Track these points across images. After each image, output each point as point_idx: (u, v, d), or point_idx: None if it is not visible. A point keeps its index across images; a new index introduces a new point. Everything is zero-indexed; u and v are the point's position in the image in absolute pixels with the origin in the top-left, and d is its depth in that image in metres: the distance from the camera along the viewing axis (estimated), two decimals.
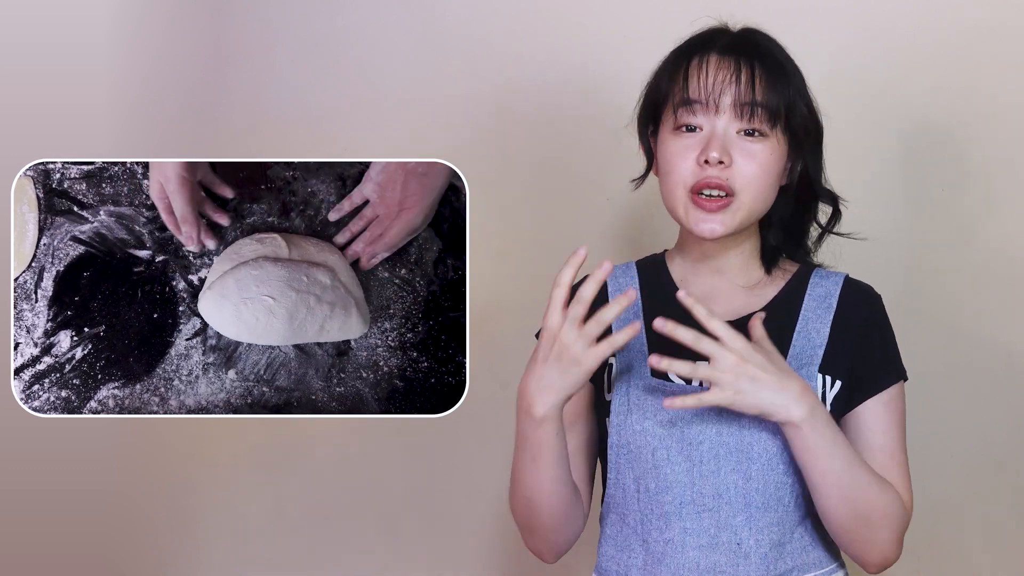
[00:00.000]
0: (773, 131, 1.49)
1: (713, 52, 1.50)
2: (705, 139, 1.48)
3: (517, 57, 2.13)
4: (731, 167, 1.47)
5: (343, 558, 2.25)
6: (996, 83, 1.86)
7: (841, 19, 1.94)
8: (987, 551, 1.89)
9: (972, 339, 1.87)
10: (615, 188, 2.02)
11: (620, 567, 1.52)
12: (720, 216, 1.48)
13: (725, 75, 1.48)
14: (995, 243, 1.86)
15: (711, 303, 1.54)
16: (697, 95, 1.48)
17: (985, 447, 1.88)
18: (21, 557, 2.26)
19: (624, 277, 1.61)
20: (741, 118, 1.48)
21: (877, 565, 1.48)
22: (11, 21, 2.27)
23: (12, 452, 2.24)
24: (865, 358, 1.51)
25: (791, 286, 1.56)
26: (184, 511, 2.33)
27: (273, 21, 2.28)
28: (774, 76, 1.49)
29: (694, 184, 1.48)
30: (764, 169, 1.49)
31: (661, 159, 1.53)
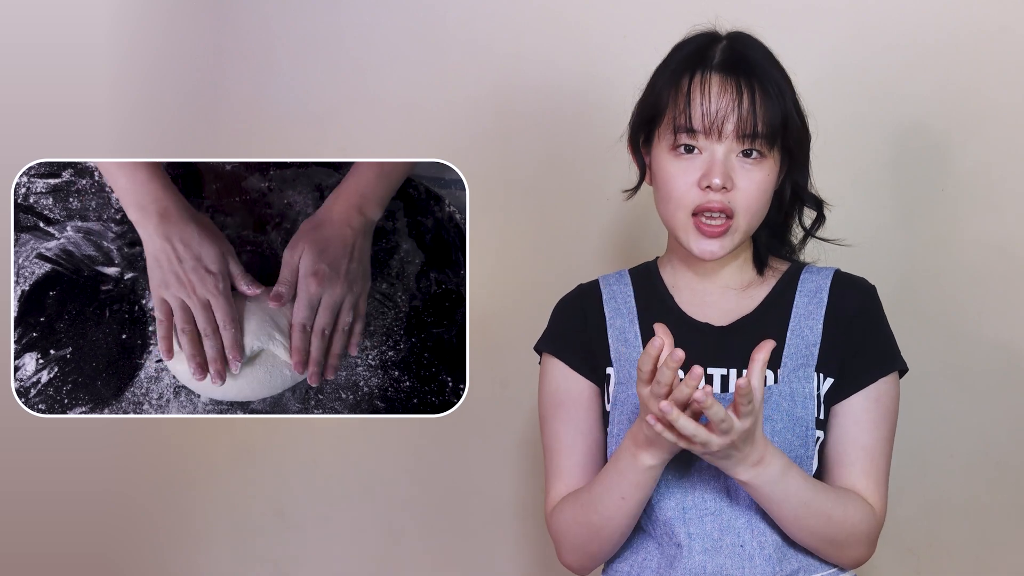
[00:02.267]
0: (771, 152, 1.49)
1: (713, 72, 1.49)
2: (706, 163, 1.47)
3: (517, 58, 2.13)
4: (732, 191, 1.47)
5: (343, 558, 2.25)
6: (992, 83, 1.86)
7: (835, 20, 1.94)
8: (987, 551, 1.89)
9: (972, 339, 1.87)
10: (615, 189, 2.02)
11: (634, 568, 1.52)
12: (720, 240, 1.48)
13: (728, 101, 1.47)
14: (993, 243, 1.86)
15: (704, 308, 1.55)
16: (700, 123, 1.47)
17: (985, 447, 1.88)
18: (21, 557, 2.26)
19: (618, 285, 1.61)
20: (743, 143, 1.47)
21: (850, 566, 1.52)
22: (11, 21, 2.26)
23: (12, 452, 2.23)
24: (855, 351, 1.51)
25: (782, 284, 1.56)
26: (184, 511, 2.33)
27: (273, 21, 2.28)
28: (772, 96, 1.48)
29: (695, 208, 1.48)
30: (762, 190, 1.49)
31: (658, 178, 1.53)
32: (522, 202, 2.14)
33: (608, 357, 1.55)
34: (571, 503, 1.53)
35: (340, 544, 2.25)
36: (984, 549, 1.89)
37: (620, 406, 1.52)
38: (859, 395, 1.50)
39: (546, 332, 1.62)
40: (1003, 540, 1.88)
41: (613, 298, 1.59)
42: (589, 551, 1.53)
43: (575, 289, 1.64)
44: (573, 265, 1.72)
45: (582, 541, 1.53)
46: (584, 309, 1.60)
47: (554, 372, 1.59)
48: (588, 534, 1.51)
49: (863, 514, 1.48)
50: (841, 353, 1.51)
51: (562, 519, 1.54)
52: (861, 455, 1.49)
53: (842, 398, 1.50)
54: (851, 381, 1.50)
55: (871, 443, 1.50)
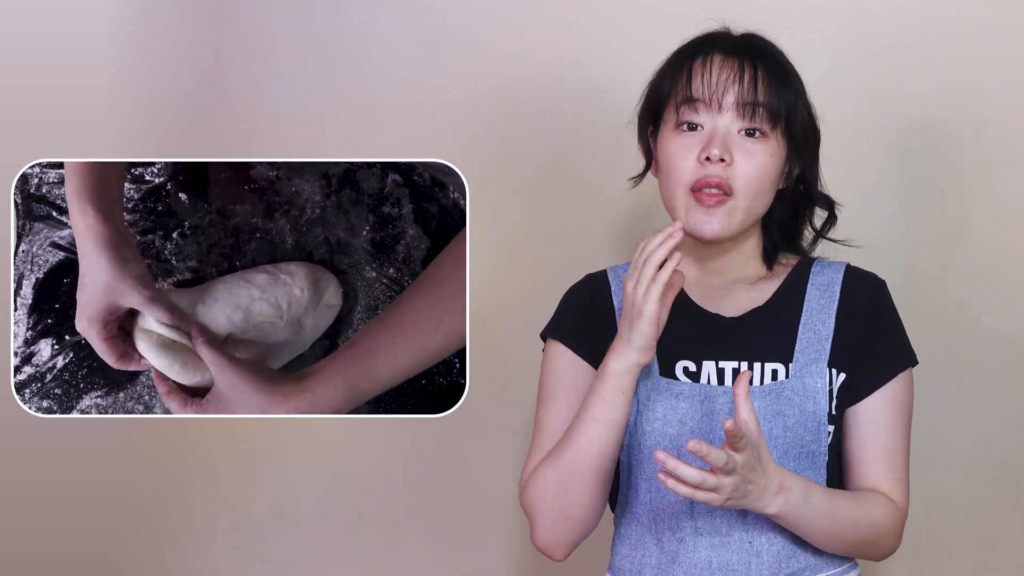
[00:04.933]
0: (774, 132, 1.49)
1: (716, 52, 1.51)
2: (707, 137, 1.48)
3: (517, 58, 2.13)
4: (732, 166, 1.47)
5: (343, 558, 2.25)
6: (994, 83, 1.86)
7: (839, 20, 1.94)
8: (987, 551, 1.89)
9: (972, 339, 1.87)
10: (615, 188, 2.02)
11: (634, 565, 1.52)
12: (718, 216, 1.48)
13: (729, 74, 1.48)
14: (995, 243, 1.86)
15: (714, 299, 1.55)
16: (700, 93, 1.48)
17: (985, 447, 1.88)
18: (21, 557, 2.26)
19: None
20: (743, 117, 1.48)
21: (880, 559, 1.54)
22: (11, 21, 2.27)
23: (12, 452, 2.24)
24: (869, 350, 1.51)
25: (792, 278, 1.56)
26: (184, 511, 2.33)
27: (273, 21, 2.28)
28: (776, 78, 1.49)
29: (694, 183, 1.48)
30: (763, 170, 1.49)
31: (661, 158, 1.53)
32: (522, 202, 2.14)
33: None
34: (545, 458, 1.50)
35: (340, 544, 2.25)
36: (984, 549, 1.89)
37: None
38: (876, 395, 1.50)
39: (553, 319, 1.62)
40: (1003, 540, 1.88)
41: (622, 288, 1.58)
42: (561, 507, 1.48)
43: (584, 278, 1.64)
44: (573, 265, 1.72)
45: (554, 493, 1.48)
46: (592, 298, 1.59)
47: (558, 358, 1.58)
48: (560, 484, 1.47)
49: (886, 511, 1.48)
50: (854, 349, 1.50)
51: (533, 479, 1.50)
52: (881, 454, 1.50)
53: (859, 398, 1.51)
54: (867, 381, 1.51)
55: (890, 441, 1.50)
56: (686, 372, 1.50)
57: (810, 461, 1.47)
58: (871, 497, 1.48)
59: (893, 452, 1.50)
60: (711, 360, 1.50)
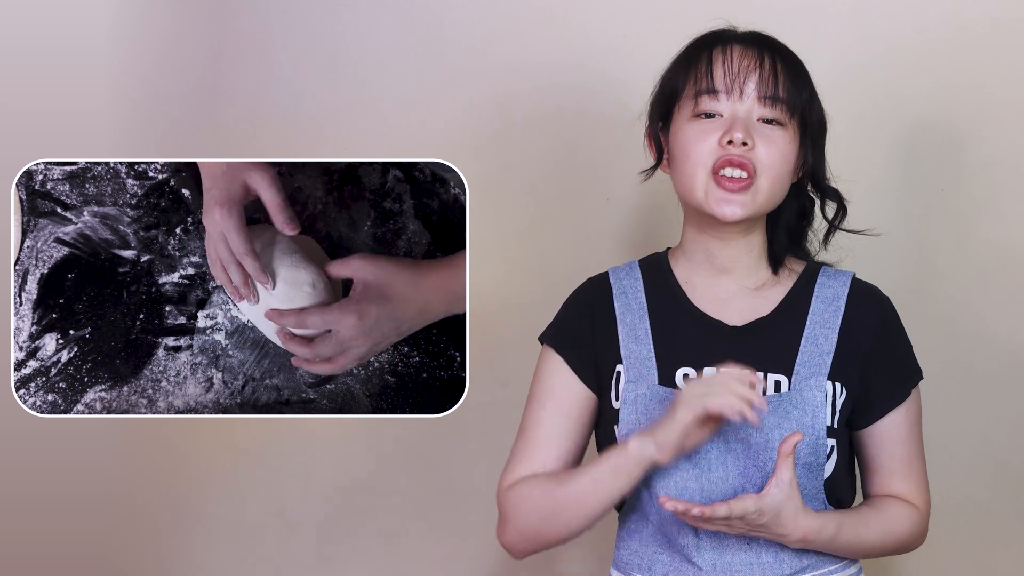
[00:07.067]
0: (791, 123, 1.50)
1: (734, 43, 1.51)
2: (728, 122, 1.48)
3: (517, 58, 2.13)
4: (753, 150, 1.47)
5: (343, 558, 2.25)
6: (996, 82, 1.86)
7: (840, 21, 1.94)
8: (987, 551, 1.89)
9: (972, 339, 1.88)
10: (616, 189, 2.02)
11: (644, 561, 1.52)
12: (740, 198, 1.47)
13: (749, 63, 1.49)
14: (995, 243, 1.86)
15: (717, 305, 1.54)
16: (721, 82, 1.48)
17: (985, 447, 1.88)
18: (21, 557, 2.26)
19: (628, 279, 1.59)
20: (763, 106, 1.48)
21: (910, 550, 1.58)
22: (11, 21, 2.26)
23: (12, 452, 2.23)
24: (879, 371, 1.52)
25: (798, 287, 1.56)
26: (184, 511, 2.33)
27: (273, 21, 2.28)
28: (793, 71, 1.51)
29: (715, 163, 1.47)
30: (783, 155, 1.49)
31: (676, 147, 1.52)
32: (522, 202, 2.14)
33: (618, 354, 1.54)
34: (537, 479, 1.52)
35: (340, 544, 2.25)
36: (984, 549, 1.89)
37: (629, 404, 1.51)
38: (891, 415, 1.53)
39: (552, 325, 1.61)
40: (1003, 540, 1.88)
41: (624, 293, 1.58)
42: (538, 530, 1.51)
43: (585, 283, 1.63)
44: (574, 266, 1.72)
45: (536, 519, 1.51)
46: (593, 305, 1.58)
47: (552, 367, 1.58)
48: (548, 514, 1.49)
49: (911, 520, 1.53)
50: (860, 369, 1.51)
51: (520, 492, 1.52)
52: (899, 466, 1.53)
53: (874, 419, 1.53)
54: (882, 404, 1.52)
55: (907, 452, 1.54)
56: (687, 380, 1.50)
57: (808, 473, 1.47)
58: (895, 510, 1.52)
59: (911, 461, 1.54)
60: (712, 368, 1.49)
